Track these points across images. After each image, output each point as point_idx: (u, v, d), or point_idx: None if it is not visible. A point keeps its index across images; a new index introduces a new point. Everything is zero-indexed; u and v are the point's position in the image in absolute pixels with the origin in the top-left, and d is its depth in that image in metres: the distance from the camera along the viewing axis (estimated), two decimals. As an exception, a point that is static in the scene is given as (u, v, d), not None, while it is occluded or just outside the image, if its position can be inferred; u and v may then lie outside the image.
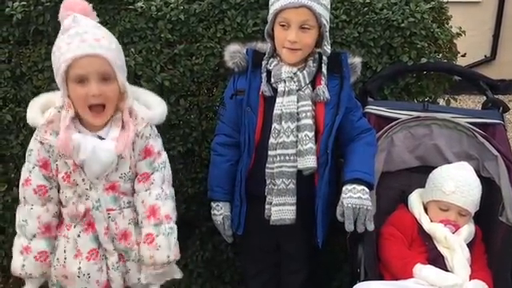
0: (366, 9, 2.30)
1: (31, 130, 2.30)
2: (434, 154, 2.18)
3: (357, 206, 1.89)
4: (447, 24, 2.47)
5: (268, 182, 2.00)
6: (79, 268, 1.76)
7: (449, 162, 2.13)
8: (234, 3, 2.26)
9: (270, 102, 1.98)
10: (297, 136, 1.95)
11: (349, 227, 1.89)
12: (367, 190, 1.93)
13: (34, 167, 1.74)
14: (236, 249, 2.52)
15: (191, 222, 2.42)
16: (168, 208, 1.78)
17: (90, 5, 1.75)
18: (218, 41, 2.28)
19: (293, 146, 1.95)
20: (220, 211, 2.10)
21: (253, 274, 2.26)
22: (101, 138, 1.72)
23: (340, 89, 1.98)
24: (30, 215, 1.75)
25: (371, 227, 1.93)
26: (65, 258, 1.77)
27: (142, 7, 2.21)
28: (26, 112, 2.26)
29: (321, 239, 2.02)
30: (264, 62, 2.00)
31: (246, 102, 1.99)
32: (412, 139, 2.19)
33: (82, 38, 1.62)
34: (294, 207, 1.98)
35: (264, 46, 2.04)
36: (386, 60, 2.35)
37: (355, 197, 1.91)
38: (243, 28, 2.26)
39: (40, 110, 1.74)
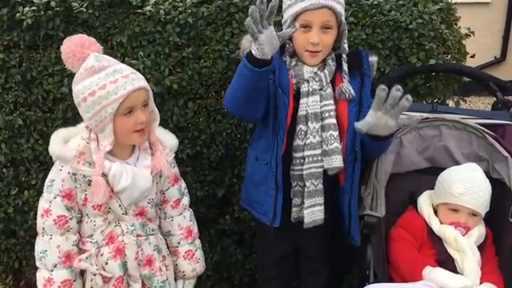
0: (373, 10, 2.30)
1: (42, 134, 2.35)
2: (444, 155, 2.17)
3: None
4: (456, 25, 2.46)
5: (294, 184, 1.97)
6: None
7: (458, 164, 2.11)
8: (241, 6, 2.27)
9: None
10: (321, 136, 1.93)
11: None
12: None
13: (55, 197, 1.73)
14: (245, 251, 2.52)
15: (200, 224, 2.41)
16: (196, 226, 2.01)
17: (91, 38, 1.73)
18: (226, 44, 2.29)
19: (319, 147, 1.93)
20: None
21: (271, 276, 2.25)
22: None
23: (361, 86, 1.96)
24: (49, 245, 1.75)
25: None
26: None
27: (150, 11, 2.22)
28: (36, 116, 2.33)
29: (358, 237, 1.99)
30: (284, 59, 1.95)
31: (278, 82, 1.89)
32: (421, 140, 2.17)
33: (122, 74, 1.66)
34: (322, 207, 1.96)
35: None
36: (395, 61, 2.35)
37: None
38: (251, 31, 2.27)
39: (62, 142, 1.76)
